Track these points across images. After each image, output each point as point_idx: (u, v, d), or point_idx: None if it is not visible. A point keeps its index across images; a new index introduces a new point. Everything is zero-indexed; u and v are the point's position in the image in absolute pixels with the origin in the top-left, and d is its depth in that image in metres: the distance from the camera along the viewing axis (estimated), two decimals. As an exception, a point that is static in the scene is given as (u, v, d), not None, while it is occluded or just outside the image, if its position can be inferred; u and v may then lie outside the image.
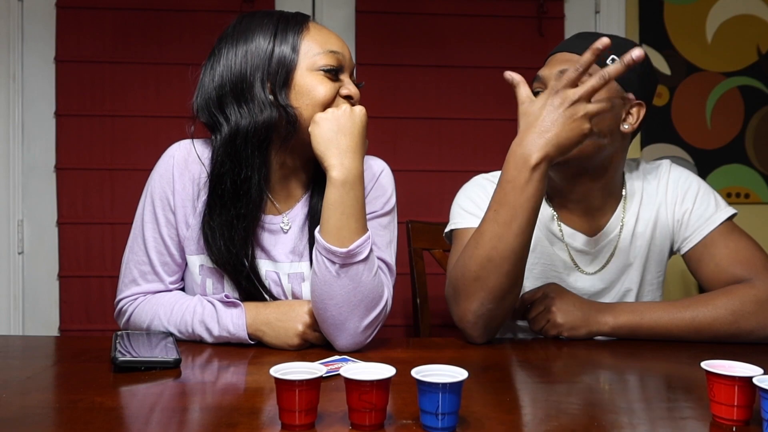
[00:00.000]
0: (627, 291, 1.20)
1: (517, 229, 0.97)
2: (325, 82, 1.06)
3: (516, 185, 0.96)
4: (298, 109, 1.05)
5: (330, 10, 2.27)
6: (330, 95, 1.06)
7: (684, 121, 2.35)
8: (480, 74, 2.28)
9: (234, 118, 1.04)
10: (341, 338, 0.98)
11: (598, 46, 0.95)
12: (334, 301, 0.97)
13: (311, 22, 1.11)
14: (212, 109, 1.06)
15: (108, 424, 0.68)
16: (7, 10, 2.17)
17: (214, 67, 1.08)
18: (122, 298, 1.12)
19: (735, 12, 2.37)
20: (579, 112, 0.96)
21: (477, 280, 1.00)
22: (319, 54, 1.06)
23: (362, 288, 0.98)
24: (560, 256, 1.21)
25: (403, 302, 2.21)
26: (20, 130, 2.18)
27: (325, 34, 1.09)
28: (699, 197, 1.18)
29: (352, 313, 0.97)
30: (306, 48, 1.06)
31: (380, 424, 0.66)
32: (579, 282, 1.20)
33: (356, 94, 1.09)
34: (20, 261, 2.19)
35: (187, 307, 1.05)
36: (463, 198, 1.23)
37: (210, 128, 1.09)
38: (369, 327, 0.99)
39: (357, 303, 0.97)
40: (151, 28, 2.21)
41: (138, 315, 1.09)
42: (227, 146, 1.04)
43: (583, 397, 0.78)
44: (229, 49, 1.07)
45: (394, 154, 2.26)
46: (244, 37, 1.07)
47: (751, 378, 0.65)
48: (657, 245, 1.20)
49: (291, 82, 1.05)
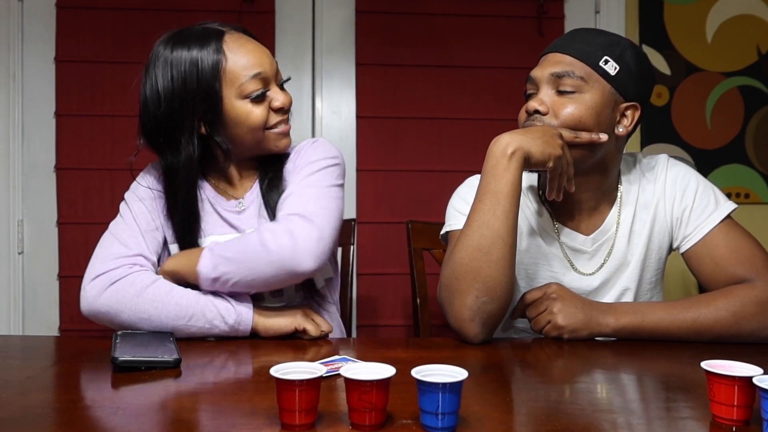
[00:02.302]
0: (625, 290, 1.19)
1: (501, 215, 1.02)
2: (256, 107, 1.11)
3: (496, 173, 1.04)
4: (238, 136, 1.13)
5: (330, 10, 2.27)
6: (263, 118, 1.12)
7: (684, 121, 2.35)
8: (480, 74, 2.28)
9: (169, 156, 1.12)
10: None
11: None
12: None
13: (227, 40, 1.11)
14: (149, 139, 1.13)
15: (108, 424, 0.68)
16: (7, 10, 2.17)
17: (147, 97, 1.12)
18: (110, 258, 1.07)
19: (735, 12, 2.37)
20: (557, 137, 1.07)
21: (468, 272, 1.02)
22: (243, 83, 1.09)
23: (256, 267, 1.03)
24: (557, 256, 1.20)
25: (403, 302, 2.22)
26: (20, 130, 2.18)
27: (244, 54, 1.11)
28: (698, 194, 1.17)
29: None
30: (229, 77, 1.10)
31: (380, 424, 0.66)
32: (576, 282, 1.19)
33: (286, 103, 1.15)
34: (20, 261, 2.19)
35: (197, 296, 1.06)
36: (458, 200, 1.24)
37: (155, 152, 1.16)
38: None
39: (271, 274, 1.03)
40: (151, 28, 2.19)
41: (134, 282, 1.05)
42: (167, 174, 1.14)
43: (583, 397, 0.78)
44: (156, 80, 1.11)
45: (394, 154, 2.26)
46: (168, 70, 1.10)
47: (751, 378, 0.65)
48: (655, 243, 1.20)
49: (222, 114, 1.11)
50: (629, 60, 1.12)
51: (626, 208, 1.20)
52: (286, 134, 1.18)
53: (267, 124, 1.13)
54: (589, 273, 1.20)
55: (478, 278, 1.01)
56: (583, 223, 1.21)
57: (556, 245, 1.21)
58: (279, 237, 1.02)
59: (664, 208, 1.19)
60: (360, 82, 2.26)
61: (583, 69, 1.11)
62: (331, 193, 1.12)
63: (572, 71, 1.10)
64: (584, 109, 1.10)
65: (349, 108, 2.26)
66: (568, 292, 1.09)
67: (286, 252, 1.01)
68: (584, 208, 1.20)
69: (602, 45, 1.12)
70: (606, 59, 1.11)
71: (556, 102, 1.11)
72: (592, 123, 1.10)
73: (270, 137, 1.15)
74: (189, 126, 1.10)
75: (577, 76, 1.10)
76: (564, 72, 1.11)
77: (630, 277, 1.19)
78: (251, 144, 1.15)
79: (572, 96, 1.10)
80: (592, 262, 1.20)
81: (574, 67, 1.11)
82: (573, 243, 1.20)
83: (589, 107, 1.10)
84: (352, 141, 2.26)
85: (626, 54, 1.12)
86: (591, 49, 1.12)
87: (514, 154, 1.03)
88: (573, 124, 1.10)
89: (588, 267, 1.20)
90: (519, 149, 1.03)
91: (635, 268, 1.19)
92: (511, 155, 1.03)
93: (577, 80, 1.10)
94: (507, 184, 1.02)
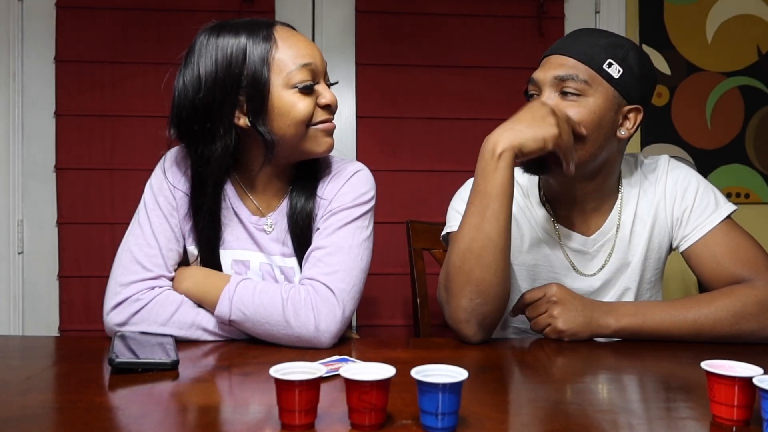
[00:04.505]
0: (626, 290, 1.20)
1: (491, 217, 1.01)
2: (302, 99, 1.07)
3: (486, 175, 1.02)
4: (281, 128, 1.07)
5: (330, 10, 2.27)
6: (309, 111, 1.07)
7: (684, 121, 2.35)
8: (480, 74, 2.28)
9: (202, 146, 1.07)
10: None
11: None
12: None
13: (278, 30, 1.09)
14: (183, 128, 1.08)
15: (108, 424, 0.68)
16: (7, 10, 2.17)
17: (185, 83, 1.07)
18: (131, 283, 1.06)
19: (735, 12, 2.37)
20: (550, 114, 1.02)
21: (461, 274, 1.02)
22: (292, 71, 1.06)
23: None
24: (558, 257, 1.20)
25: (403, 302, 2.22)
26: (20, 130, 2.18)
27: (294, 44, 1.08)
28: (699, 195, 1.17)
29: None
30: (278, 65, 1.05)
31: (380, 424, 0.66)
32: (578, 283, 1.19)
33: (334, 101, 1.10)
34: (20, 261, 2.19)
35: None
36: (458, 201, 1.23)
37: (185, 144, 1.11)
38: None
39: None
40: (151, 28, 2.21)
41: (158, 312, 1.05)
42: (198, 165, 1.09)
43: (583, 397, 0.78)
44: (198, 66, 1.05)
45: (394, 154, 2.26)
46: (212, 55, 1.05)
47: (751, 378, 0.65)
48: (655, 243, 1.20)
49: (267, 104, 1.06)
50: (632, 62, 1.11)
51: (627, 209, 1.20)
52: (329, 133, 1.11)
53: (312, 119, 1.08)
54: (590, 274, 1.20)
55: (471, 281, 1.01)
56: (584, 224, 1.20)
57: (557, 247, 1.21)
58: (302, 314, 1.00)
59: (664, 208, 1.19)
60: (360, 82, 2.26)
61: (587, 72, 1.09)
62: (361, 255, 1.09)
63: (576, 74, 1.09)
64: (587, 113, 1.09)
65: (349, 108, 2.26)
66: (568, 293, 1.08)
67: (306, 332, 1.00)
68: (586, 209, 1.20)
69: (605, 47, 1.11)
70: (609, 62, 1.10)
71: (560, 105, 1.09)
72: (595, 127, 1.09)
73: (312, 135, 1.09)
74: (229, 114, 1.05)
75: (581, 80, 1.09)
76: (568, 75, 1.09)
77: (631, 277, 1.19)
78: (292, 141, 1.08)
79: (576, 99, 1.09)
80: (593, 263, 1.20)
81: (578, 70, 1.09)
82: (574, 244, 1.20)
83: (593, 111, 1.09)
84: (352, 141, 2.26)
85: (629, 56, 1.11)
86: (594, 52, 1.10)
87: (503, 154, 1.01)
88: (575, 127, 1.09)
89: (589, 268, 1.21)
90: (508, 148, 1.01)
91: (636, 268, 1.19)
92: (500, 156, 1.01)
93: (581, 84, 1.09)
94: (496, 186, 1.01)
